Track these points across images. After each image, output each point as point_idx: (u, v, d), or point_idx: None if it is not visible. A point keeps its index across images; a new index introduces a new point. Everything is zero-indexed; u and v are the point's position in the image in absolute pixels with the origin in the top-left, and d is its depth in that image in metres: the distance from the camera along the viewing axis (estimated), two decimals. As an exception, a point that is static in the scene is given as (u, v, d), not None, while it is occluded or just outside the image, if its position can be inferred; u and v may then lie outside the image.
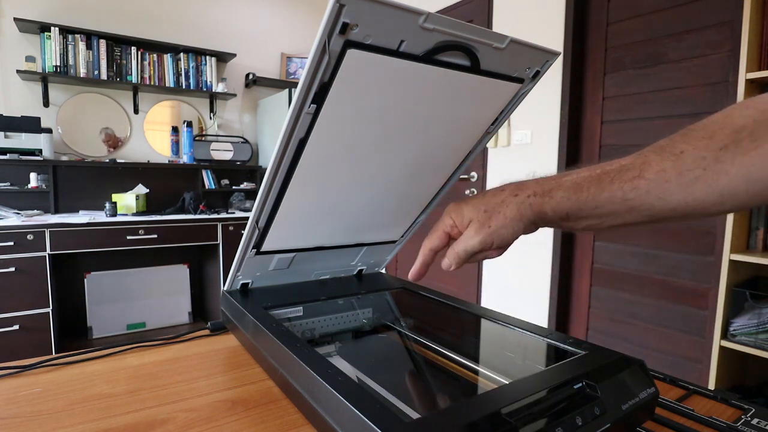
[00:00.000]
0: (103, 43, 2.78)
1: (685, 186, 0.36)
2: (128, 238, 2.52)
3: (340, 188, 0.52)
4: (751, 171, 0.33)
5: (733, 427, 0.43)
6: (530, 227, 0.43)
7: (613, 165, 0.39)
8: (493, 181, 2.36)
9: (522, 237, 0.44)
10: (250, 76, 3.33)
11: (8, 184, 2.59)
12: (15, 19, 2.53)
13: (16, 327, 2.24)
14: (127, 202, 2.77)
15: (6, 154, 2.49)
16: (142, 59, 2.95)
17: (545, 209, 0.41)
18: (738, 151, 0.34)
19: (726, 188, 0.34)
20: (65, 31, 2.67)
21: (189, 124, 3.04)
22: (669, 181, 0.36)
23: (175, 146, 3.14)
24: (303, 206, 0.52)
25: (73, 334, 2.77)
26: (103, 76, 2.80)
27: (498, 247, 0.44)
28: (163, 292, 3.04)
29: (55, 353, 0.92)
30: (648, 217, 0.39)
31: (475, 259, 0.45)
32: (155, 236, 2.60)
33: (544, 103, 2.10)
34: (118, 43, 2.85)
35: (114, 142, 2.99)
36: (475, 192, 2.42)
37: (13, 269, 2.22)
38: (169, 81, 3.04)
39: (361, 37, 0.36)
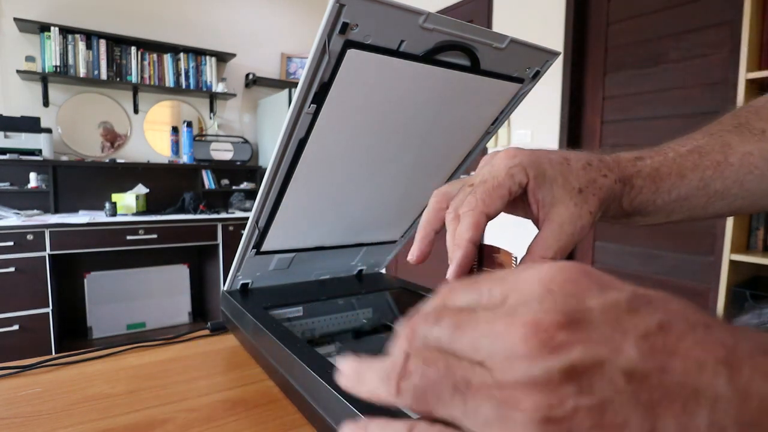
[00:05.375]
0: (102, 43, 2.78)
1: None
2: (128, 238, 2.51)
3: (340, 188, 0.52)
4: None
5: (733, 427, 0.42)
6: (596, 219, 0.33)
7: (685, 146, 0.32)
8: (493, 181, 2.35)
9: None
10: (250, 76, 3.33)
11: (8, 184, 2.59)
12: (15, 19, 2.53)
13: (16, 327, 2.24)
14: (127, 202, 2.77)
15: (6, 154, 2.48)
16: (142, 59, 2.95)
17: (622, 202, 0.31)
18: None
19: None
20: (65, 31, 2.67)
21: (189, 124, 3.04)
22: (758, 167, 0.30)
23: (175, 146, 3.14)
24: (303, 206, 0.52)
25: (73, 334, 2.76)
26: (103, 76, 2.80)
27: None
28: (163, 292, 3.04)
29: (55, 353, 0.92)
30: (726, 211, 0.33)
31: None
32: (155, 236, 2.60)
33: (544, 103, 2.10)
34: (117, 43, 2.85)
35: (112, 137, 2.98)
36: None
37: (13, 269, 2.21)
38: (169, 81, 3.04)
39: (361, 37, 0.36)
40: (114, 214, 2.61)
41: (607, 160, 0.32)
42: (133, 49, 2.89)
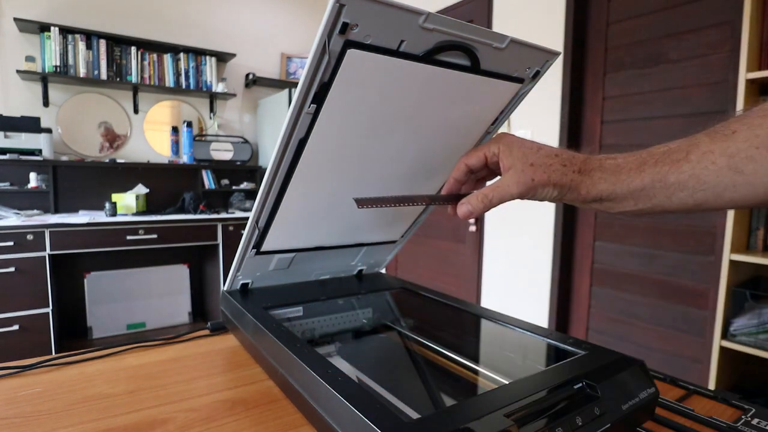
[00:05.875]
0: (102, 43, 2.78)
1: (734, 168, 0.32)
2: (128, 238, 2.52)
3: (340, 188, 0.52)
4: None
5: (733, 427, 0.43)
6: (558, 198, 0.42)
7: (660, 148, 0.38)
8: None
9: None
10: (250, 76, 3.33)
11: (8, 184, 2.59)
12: (15, 19, 2.53)
13: (16, 327, 2.24)
14: (127, 202, 2.77)
15: (6, 154, 2.48)
16: (142, 59, 2.95)
17: (580, 189, 0.40)
18: None
19: None
20: (65, 31, 2.67)
21: (189, 124, 3.04)
22: (714, 162, 0.33)
23: (175, 146, 3.14)
24: (303, 206, 0.52)
25: (73, 334, 2.77)
26: (103, 76, 2.80)
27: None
28: (163, 292, 3.04)
29: (55, 353, 0.92)
30: (691, 203, 0.36)
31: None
32: (155, 236, 2.60)
33: (544, 103, 2.10)
34: (117, 43, 2.85)
35: (112, 137, 2.98)
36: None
37: (13, 269, 2.22)
38: (169, 81, 3.04)
39: (361, 37, 0.36)
40: (114, 214, 2.61)
41: (576, 157, 0.41)
42: (133, 49, 2.89)
